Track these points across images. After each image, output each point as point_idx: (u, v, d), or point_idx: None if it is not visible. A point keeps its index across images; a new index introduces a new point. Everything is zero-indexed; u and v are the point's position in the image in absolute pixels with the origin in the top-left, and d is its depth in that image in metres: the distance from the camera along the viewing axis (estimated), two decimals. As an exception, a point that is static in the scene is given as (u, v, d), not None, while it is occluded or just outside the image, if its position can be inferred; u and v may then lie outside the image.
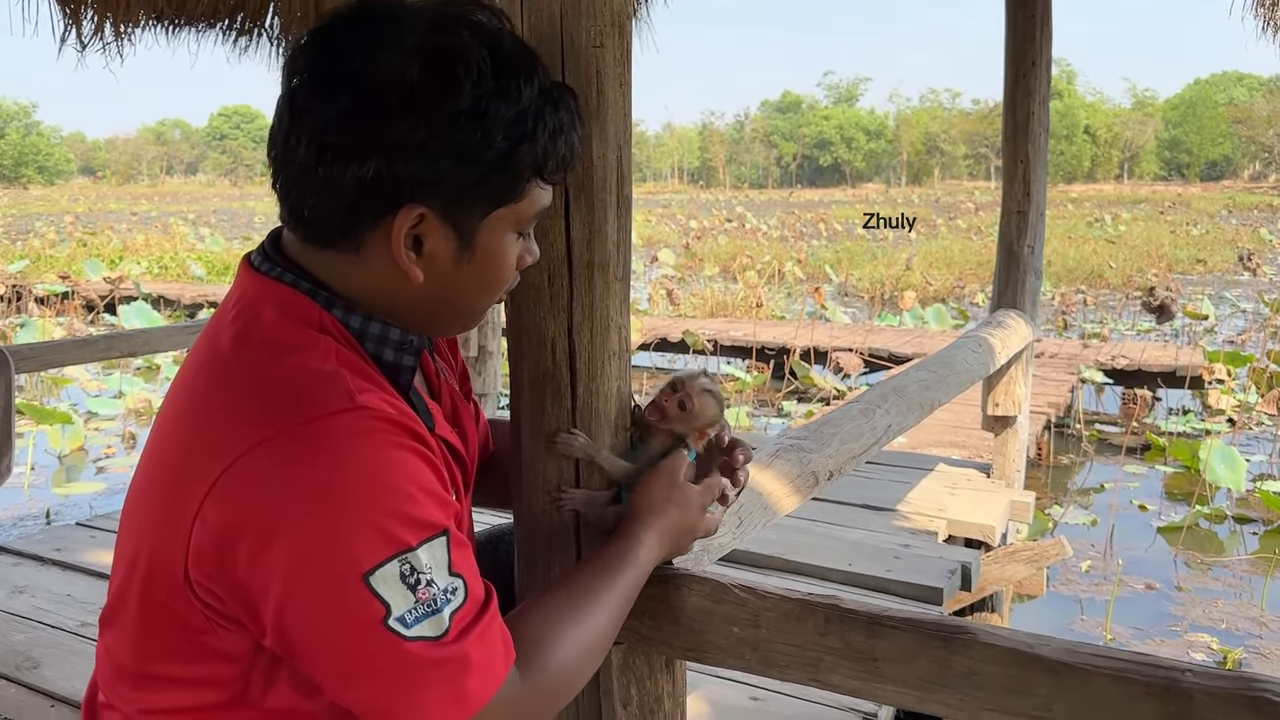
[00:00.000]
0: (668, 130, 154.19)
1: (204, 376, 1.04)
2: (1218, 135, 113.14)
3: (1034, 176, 3.73)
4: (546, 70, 1.06)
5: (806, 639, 1.20)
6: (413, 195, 0.99)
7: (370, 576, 0.91)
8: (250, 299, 1.06)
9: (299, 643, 0.95)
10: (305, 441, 0.93)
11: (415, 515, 0.94)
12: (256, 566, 0.93)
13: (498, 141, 0.99)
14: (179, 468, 0.98)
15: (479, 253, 1.05)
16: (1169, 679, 1.02)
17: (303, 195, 1.01)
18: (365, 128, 0.96)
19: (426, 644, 0.94)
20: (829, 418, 2.16)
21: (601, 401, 1.29)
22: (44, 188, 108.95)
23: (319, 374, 0.98)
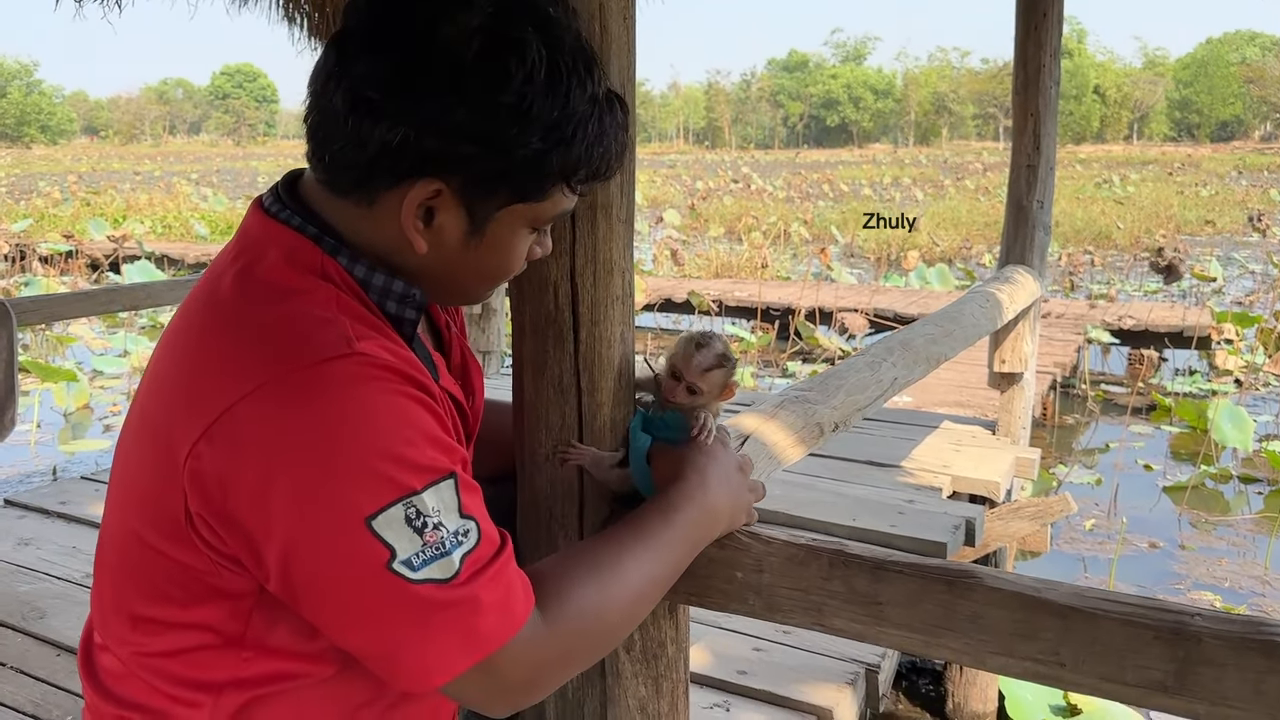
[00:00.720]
0: (673, 90, 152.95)
1: (202, 317, 1.03)
2: (1229, 95, 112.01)
3: (1044, 130, 3.68)
4: (603, 76, 1.04)
5: (810, 583, 1.19)
6: (434, 170, 0.98)
7: (373, 520, 0.90)
8: (254, 240, 1.05)
9: (303, 589, 0.94)
10: (301, 387, 0.92)
11: (417, 459, 0.93)
12: (257, 513, 0.92)
13: (533, 142, 0.97)
14: (175, 410, 0.97)
15: (487, 240, 1.04)
16: (1178, 623, 1.00)
17: (328, 139, 0.99)
18: (405, 94, 0.95)
19: (435, 586, 0.92)
20: (835, 370, 2.14)
21: (604, 347, 1.28)
22: (47, 147, 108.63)
23: (317, 319, 0.96)
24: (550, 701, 1.38)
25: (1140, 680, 1.01)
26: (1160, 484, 6.31)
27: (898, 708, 3.86)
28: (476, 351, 5.28)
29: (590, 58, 1.01)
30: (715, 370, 1.25)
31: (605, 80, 1.04)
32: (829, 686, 2.15)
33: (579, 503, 1.31)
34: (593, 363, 1.27)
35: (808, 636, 2.37)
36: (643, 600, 1.13)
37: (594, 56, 1.03)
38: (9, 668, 2.31)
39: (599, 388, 1.28)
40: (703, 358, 1.26)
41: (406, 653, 0.94)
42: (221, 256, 1.07)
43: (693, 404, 1.28)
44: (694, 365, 1.26)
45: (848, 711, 2.13)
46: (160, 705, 1.04)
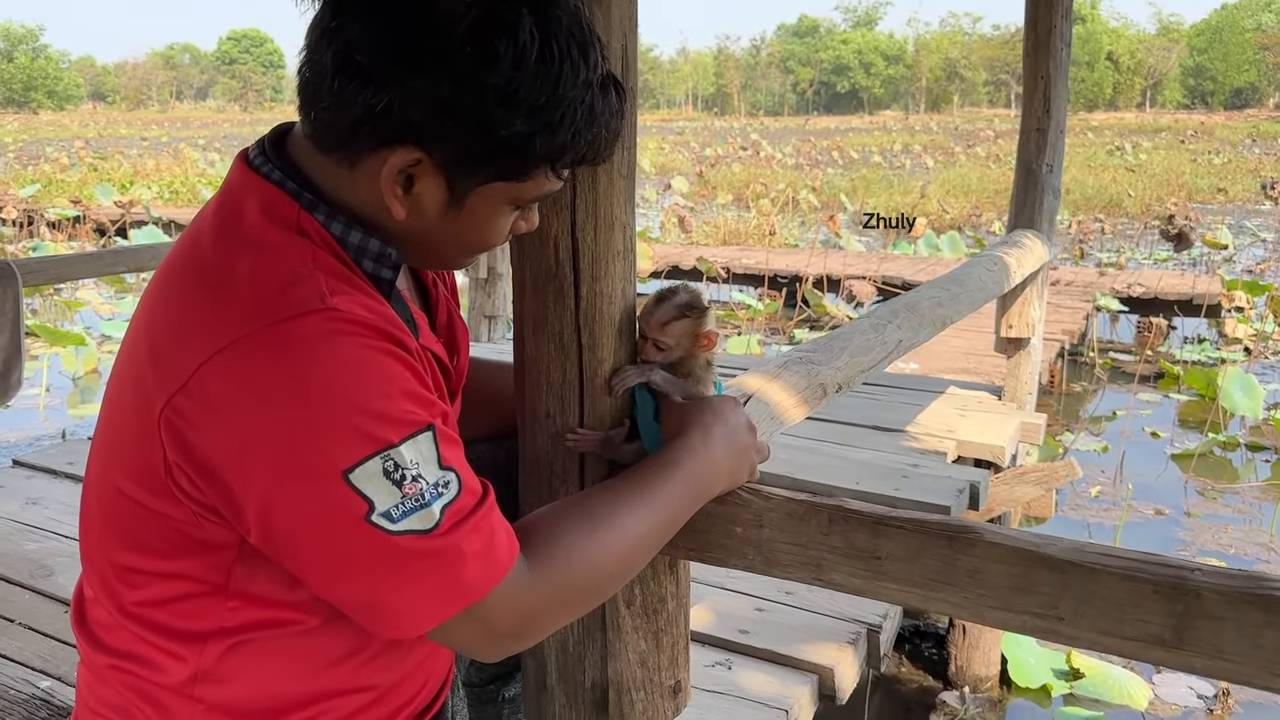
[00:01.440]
0: (682, 55, 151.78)
1: (182, 270, 1.03)
2: (1244, 62, 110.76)
3: (1054, 93, 3.64)
4: (601, 59, 1.02)
5: (810, 539, 1.19)
6: (416, 139, 0.97)
7: (350, 474, 0.91)
8: (235, 193, 1.05)
9: (283, 543, 0.95)
10: (275, 343, 0.92)
11: (393, 413, 0.93)
12: (235, 469, 0.93)
13: (517, 124, 0.96)
14: (154, 364, 0.97)
15: (466, 213, 1.04)
16: (1178, 577, 1.00)
17: (316, 97, 0.99)
18: (393, 62, 0.94)
19: (415, 537, 0.93)
20: (839, 332, 2.13)
21: (605, 303, 1.27)
22: (54, 112, 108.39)
23: (291, 275, 0.96)
24: (551, 655, 1.39)
25: (1138, 634, 1.01)
26: (1167, 451, 6.30)
27: (900, 670, 3.88)
28: (481, 316, 5.28)
29: (587, 40, 1.00)
30: (676, 322, 1.25)
31: (603, 63, 1.02)
32: (830, 646, 2.16)
33: (580, 458, 1.31)
34: (594, 319, 1.27)
35: (809, 597, 2.38)
36: (637, 551, 1.13)
37: (592, 38, 1.01)
38: (18, 624, 2.33)
39: (600, 344, 1.28)
40: (662, 312, 1.26)
41: (389, 602, 0.95)
42: (205, 209, 1.08)
43: (667, 359, 1.27)
44: (654, 320, 1.26)
45: (849, 670, 2.14)
46: (148, 654, 1.05)
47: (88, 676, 1.11)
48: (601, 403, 1.30)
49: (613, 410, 1.31)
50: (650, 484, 1.15)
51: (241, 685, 1.05)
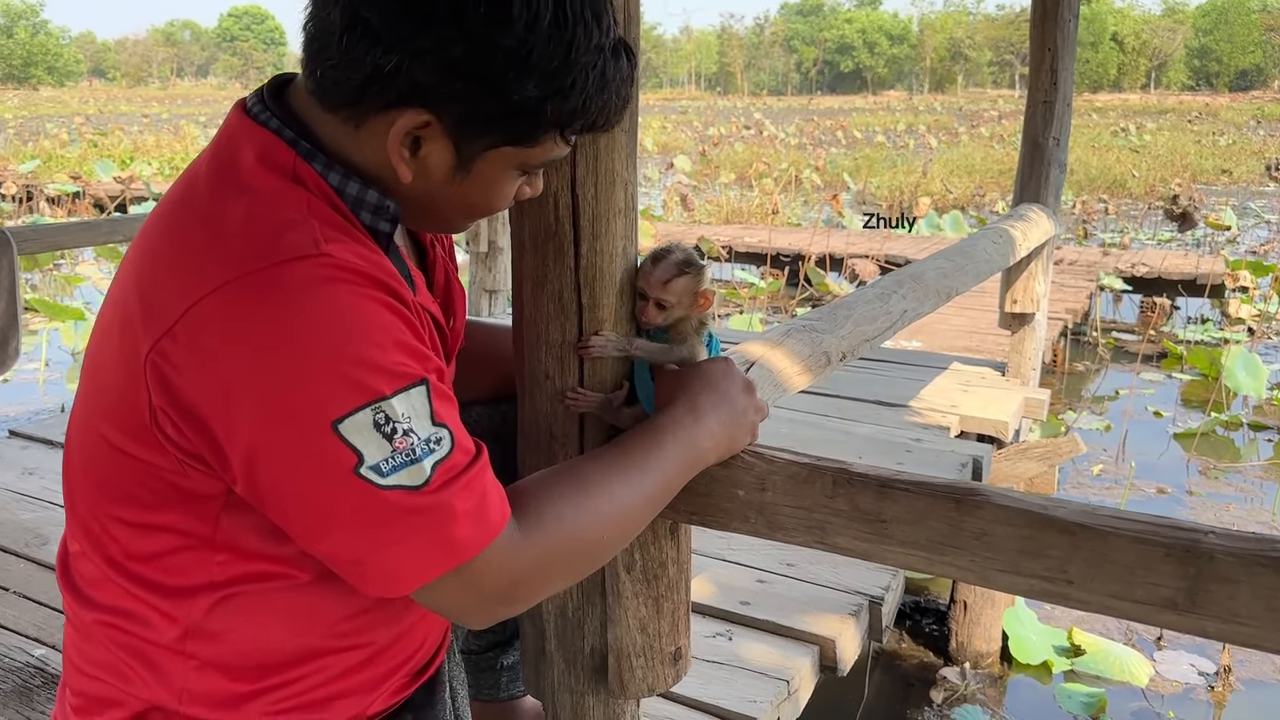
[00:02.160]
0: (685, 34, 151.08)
1: (172, 215, 1.00)
2: (1249, 44, 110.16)
3: (1061, 65, 3.60)
4: (613, 23, 0.99)
5: (814, 502, 1.17)
6: (425, 101, 0.95)
7: (340, 424, 0.88)
8: (231, 140, 1.02)
9: (268, 493, 0.93)
10: (266, 287, 0.89)
11: (386, 364, 0.91)
12: (221, 415, 0.91)
13: (529, 88, 0.94)
14: (141, 306, 0.95)
15: (473, 177, 1.02)
16: (1190, 540, 0.98)
17: (322, 54, 0.96)
18: (404, 21, 0.92)
19: (404, 492, 0.91)
20: (843, 301, 2.10)
21: (606, 261, 1.24)
22: (54, 89, 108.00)
23: (285, 220, 0.94)
24: (550, 621, 1.37)
25: (1150, 598, 0.99)
26: (1170, 431, 6.28)
27: (901, 646, 3.88)
28: (482, 290, 5.24)
29: (600, 4, 0.97)
30: (677, 279, 1.23)
31: (615, 28, 1.00)
32: (832, 617, 2.14)
33: (579, 421, 1.29)
34: (594, 278, 1.24)
35: (810, 568, 2.36)
36: (629, 518, 1.11)
37: (604, 2, 0.98)
38: (12, 592, 2.32)
39: (600, 304, 1.25)
40: (662, 270, 1.23)
41: (376, 558, 0.93)
42: (200, 157, 1.05)
43: (668, 320, 1.25)
44: (654, 279, 1.23)
45: (850, 642, 2.12)
46: (137, 609, 1.03)
47: (74, 636, 1.09)
48: (602, 364, 1.27)
49: (613, 372, 1.29)
50: (643, 451, 1.13)
51: (232, 641, 1.03)
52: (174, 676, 1.04)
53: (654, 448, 1.14)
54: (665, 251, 1.24)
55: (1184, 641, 3.88)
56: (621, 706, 1.41)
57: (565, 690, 1.39)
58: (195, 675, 1.04)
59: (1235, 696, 3.59)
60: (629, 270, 1.27)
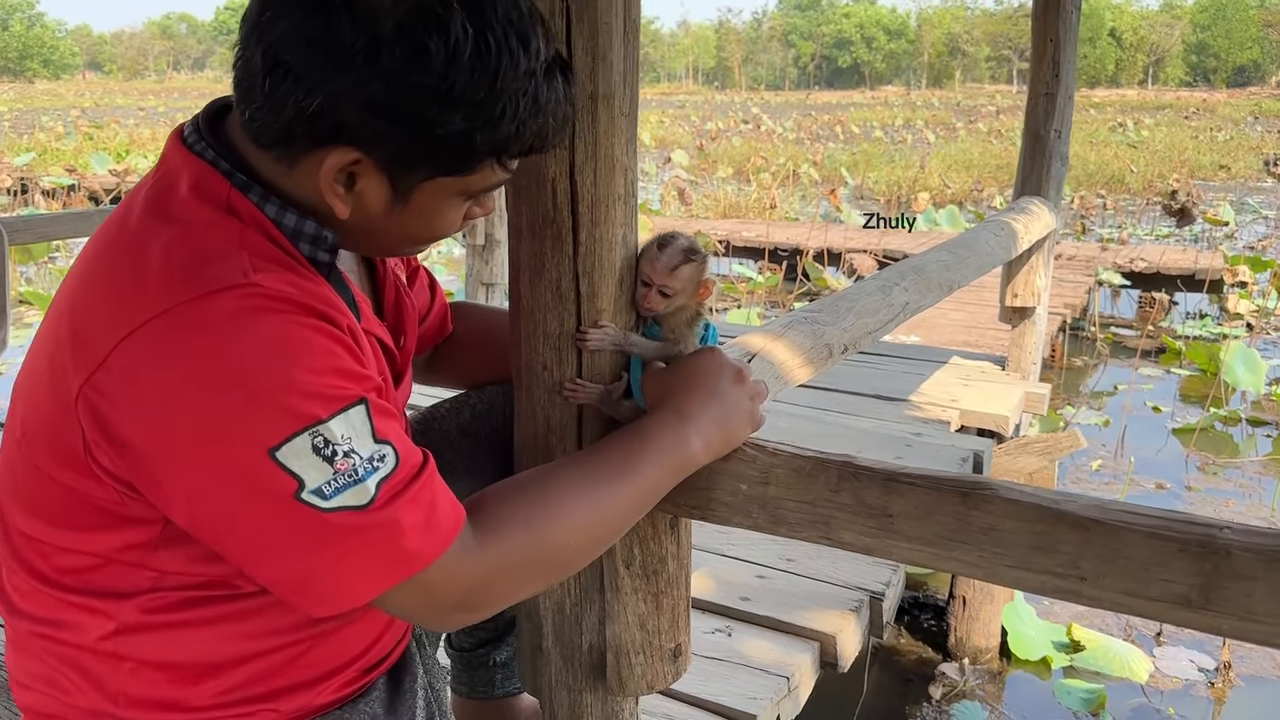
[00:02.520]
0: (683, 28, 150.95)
1: (105, 247, 0.99)
2: (1247, 40, 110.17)
3: (1063, 57, 3.57)
4: (544, 44, 0.96)
5: (818, 496, 1.14)
6: (351, 140, 0.93)
7: (276, 452, 0.87)
8: (167, 172, 1.01)
9: (208, 525, 0.92)
10: (194, 319, 0.88)
11: (320, 388, 0.90)
12: (157, 450, 0.89)
13: (455, 121, 0.92)
14: (72, 341, 0.93)
15: (412, 209, 1.00)
16: (1205, 535, 0.95)
17: (249, 95, 0.94)
18: (321, 62, 0.89)
19: (350, 513, 0.90)
20: (845, 292, 2.08)
21: (605, 249, 1.21)
22: (50, 81, 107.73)
23: (212, 251, 0.93)
24: (548, 617, 1.34)
25: (1164, 594, 0.96)
26: (1168, 426, 6.26)
27: (899, 642, 3.86)
28: (479, 284, 5.21)
29: (527, 26, 0.94)
30: (683, 266, 1.21)
31: (547, 47, 0.96)
32: (832, 613, 2.12)
33: (577, 413, 1.26)
34: (593, 266, 1.21)
35: (811, 564, 2.34)
36: (601, 525, 1.08)
37: (532, 23, 0.95)
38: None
39: (599, 293, 1.22)
40: (668, 256, 1.21)
41: (323, 579, 0.92)
42: (136, 187, 1.04)
43: (669, 308, 1.23)
44: (660, 265, 1.21)
45: (851, 639, 2.10)
46: (67, 615, 1.02)
47: (10, 649, 1.08)
48: (600, 355, 1.24)
49: (611, 364, 1.26)
50: (620, 457, 1.11)
51: (167, 642, 1.02)
52: (109, 681, 1.02)
53: (634, 453, 1.11)
54: (670, 238, 1.22)
55: (1184, 637, 3.87)
56: (620, 704, 1.38)
57: (563, 687, 1.37)
58: (130, 678, 1.02)
59: (1235, 692, 3.57)
60: (629, 259, 1.24)
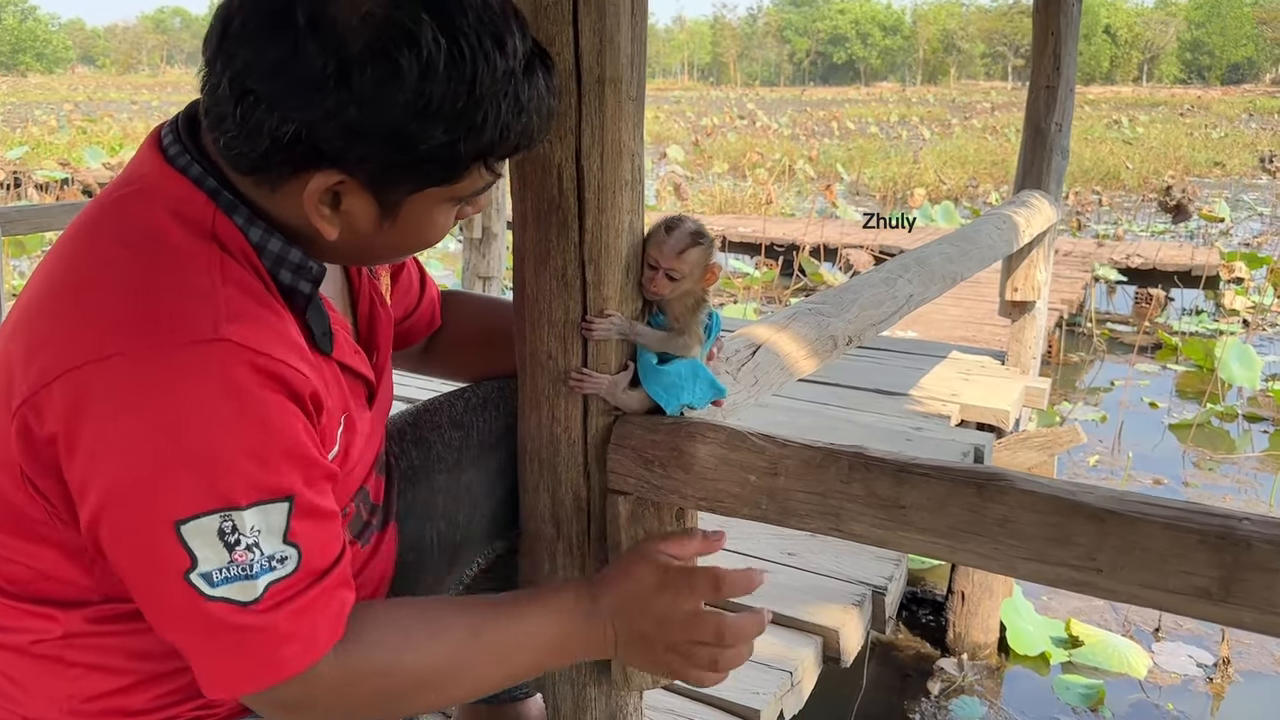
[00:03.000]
0: (678, 24, 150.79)
1: (75, 259, 0.94)
2: (1241, 37, 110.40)
3: (1064, 50, 3.56)
4: (520, 41, 0.92)
5: (828, 487, 1.12)
6: (333, 162, 0.90)
7: (182, 525, 0.86)
8: (146, 183, 0.96)
9: (113, 564, 0.91)
10: (152, 369, 0.85)
11: (254, 474, 0.87)
12: (80, 480, 0.88)
13: (437, 134, 0.89)
14: (22, 355, 0.90)
15: (401, 221, 0.97)
16: (1225, 527, 0.94)
17: (220, 123, 0.90)
18: (292, 88, 0.86)
19: (230, 607, 0.89)
20: (849, 284, 2.06)
21: (612, 236, 1.19)
22: (43, 75, 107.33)
23: (192, 290, 0.89)
24: (550, 611, 1.32)
25: (1183, 587, 0.95)
26: (1165, 422, 6.26)
27: (898, 637, 3.84)
28: (475, 278, 5.18)
29: (500, 26, 0.90)
30: (691, 250, 1.18)
31: (524, 43, 0.93)
32: (835, 608, 2.10)
33: (583, 403, 1.24)
34: (599, 253, 1.19)
35: (813, 558, 2.32)
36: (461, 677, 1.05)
37: (506, 20, 0.91)
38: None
39: (605, 281, 1.20)
40: (675, 239, 1.19)
41: (198, 661, 0.92)
42: (109, 191, 0.98)
43: (675, 292, 1.21)
44: (667, 249, 1.19)
45: (853, 633, 2.09)
46: (16, 622, 0.99)
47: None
48: (606, 344, 1.22)
49: (617, 352, 1.24)
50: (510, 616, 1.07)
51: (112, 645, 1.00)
52: (55, 685, 1.00)
53: (527, 619, 1.08)
54: (677, 221, 1.20)
55: (1182, 633, 3.86)
56: (624, 699, 1.37)
57: (566, 682, 1.35)
58: (74, 684, 1.00)
59: (1234, 688, 3.57)
60: (635, 246, 1.22)
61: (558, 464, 1.26)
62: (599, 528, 1.27)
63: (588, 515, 1.28)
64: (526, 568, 1.34)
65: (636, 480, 1.23)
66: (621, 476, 1.24)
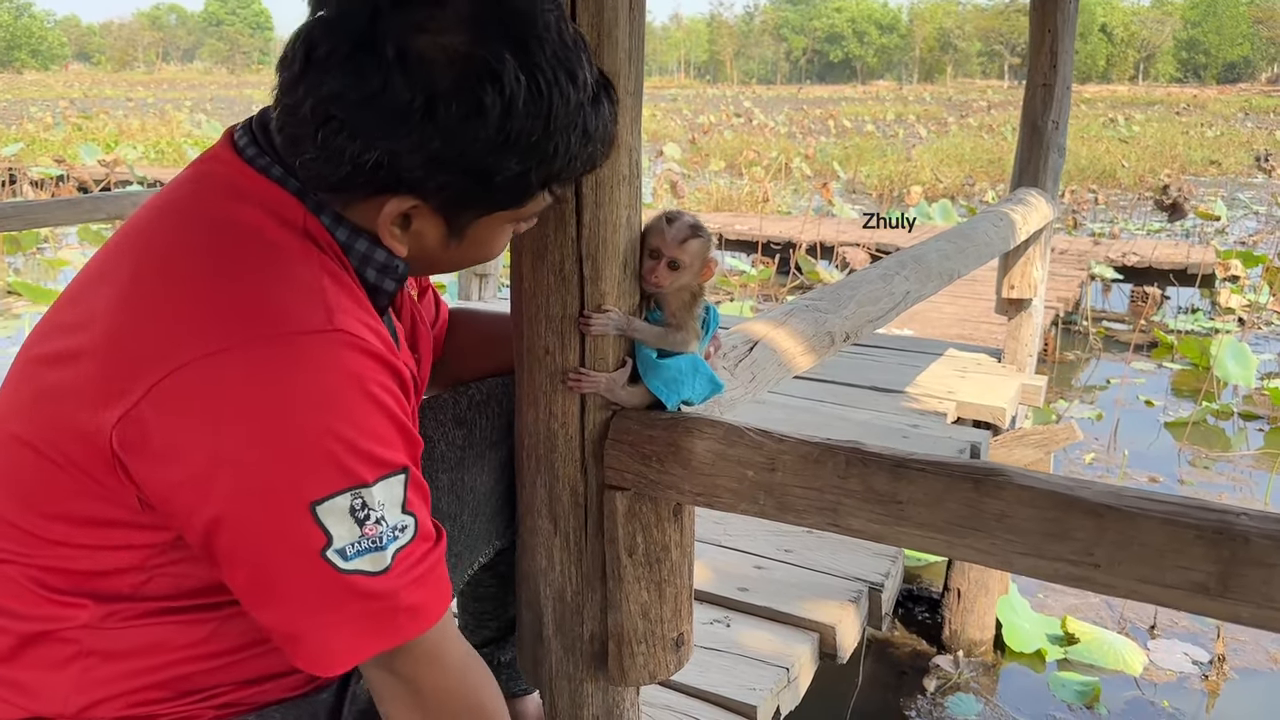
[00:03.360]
0: (675, 22, 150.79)
1: (165, 252, 0.95)
2: (1237, 36, 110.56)
3: (1061, 48, 3.56)
4: (589, 70, 0.96)
5: (826, 482, 1.12)
6: (410, 189, 0.94)
7: (318, 506, 0.89)
8: (233, 184, 0.98)
9: (225, 556, 0.92)
10: (271, 359, 0.88)
11: (375, 451, 0.91)
12: (197, 471, 0.88)
13: (511, 166, 0.93)
14: (114, 349, 0.91)
15: (467, 240, 1.02)
16: (1223, 522, 0.94)
17: (298, 144, 0.93)
18: (379, 119, 0.89)
19: (363, 577, 0.92)
20: (846, 281, 2.06)
21: (610, 230, 1.19)
22: (38, 72, 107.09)
23: (298, 284, 0.92)
24: (548, 606, 1.32)
25: (1180, 582, 0.95)
26: (1161, 420, 6.26)
27: (894, 634, 3.85)
28: (472, 274, 5.17)
29: (573, 58, 0.93)
30: (692, 240, 1.20)
31: (591, 73, 0.96)
32: (831, 604, 2.10)
33: (580, 400, 1.24)
34: (596, 248, 1.19)
35: (809, 554, 2.32)
36: None
37: (577, 51, 0.94)
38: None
39: (603, 275, 1.20)
40: (677, 229, 1.20)
41: (316, 636, 0.94)
42: (186, 189, 1.01)
43: (675, 283, 1.21)
44: (670, 238, 1.20)
45: (850, 629, 2.09)
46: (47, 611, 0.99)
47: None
48: (604, 340, 1.22)
49: (615, 348, 1.24)
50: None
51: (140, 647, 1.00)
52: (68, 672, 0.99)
53: None
54: (676, 214, 1.21)
55: (1178, 630, 3.87)
56: (621, 694, 1.37)
57: (563, 677, 1.35)
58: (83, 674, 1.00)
59: (1229, 685, 3.57)
60: (633, 241, 1.22)
61: (555, 459, 1.26)
62: (596, 523, 1.27)
63: (585, 511, 1.28)
64: (524, 564, 1.34)
65: (634, 475, 1.23)
66: (619, 472, 1.24)
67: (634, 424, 1.24)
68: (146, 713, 1.02)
